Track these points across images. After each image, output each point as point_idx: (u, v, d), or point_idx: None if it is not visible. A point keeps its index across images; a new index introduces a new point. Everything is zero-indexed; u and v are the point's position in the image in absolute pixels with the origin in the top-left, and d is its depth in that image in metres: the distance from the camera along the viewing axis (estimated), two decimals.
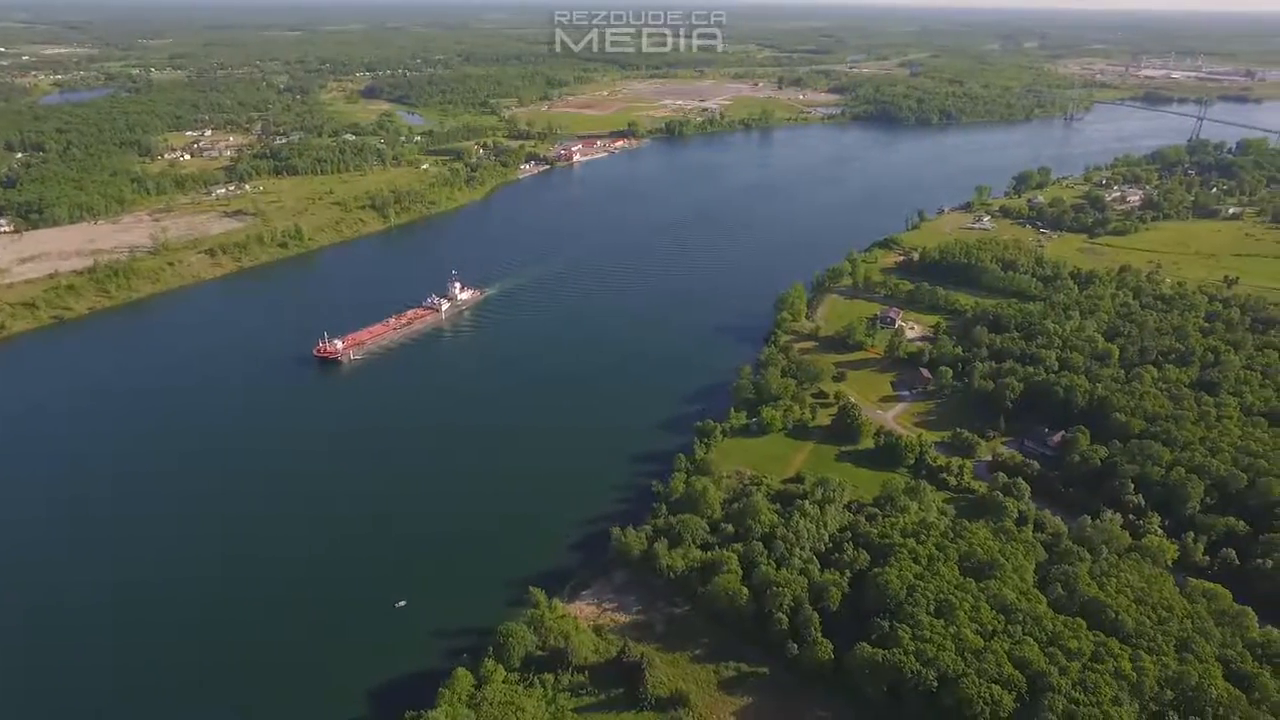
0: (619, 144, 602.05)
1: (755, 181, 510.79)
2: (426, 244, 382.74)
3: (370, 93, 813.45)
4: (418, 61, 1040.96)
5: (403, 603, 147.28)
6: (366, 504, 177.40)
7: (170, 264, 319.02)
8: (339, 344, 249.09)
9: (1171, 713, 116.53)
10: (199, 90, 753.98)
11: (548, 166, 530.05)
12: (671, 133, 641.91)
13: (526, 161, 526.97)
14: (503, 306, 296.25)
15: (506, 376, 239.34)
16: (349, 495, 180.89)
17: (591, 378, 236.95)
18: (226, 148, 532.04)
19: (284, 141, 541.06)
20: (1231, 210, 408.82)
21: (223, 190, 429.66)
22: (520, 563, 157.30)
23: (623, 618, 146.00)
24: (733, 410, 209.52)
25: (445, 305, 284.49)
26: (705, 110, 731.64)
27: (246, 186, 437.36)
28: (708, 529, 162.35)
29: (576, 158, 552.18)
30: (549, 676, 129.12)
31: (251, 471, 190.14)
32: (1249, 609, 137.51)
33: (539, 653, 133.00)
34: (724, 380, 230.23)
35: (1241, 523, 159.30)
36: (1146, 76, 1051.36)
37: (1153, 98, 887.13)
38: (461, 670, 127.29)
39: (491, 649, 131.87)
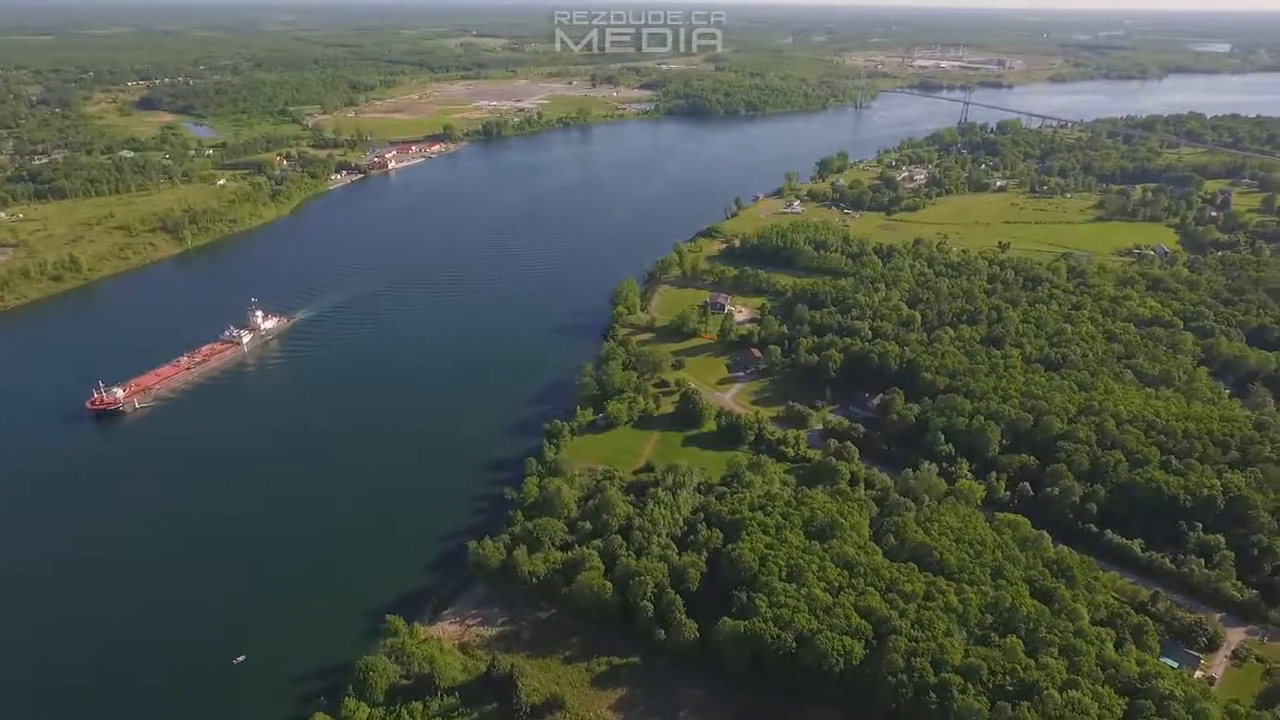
0: (436, 148, 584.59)
1: (578, 179, 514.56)
2: (229, 267, 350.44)
3: (148, 104, 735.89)
4: (201, 68, 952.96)
5: (241, 658, 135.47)
6: (179, 565, 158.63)
7: None
8: (119, 392, 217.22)
9: (993, 634, 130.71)
10: None
11: (361, 175, 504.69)
12: (490, 134, 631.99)
13: (338, 171, 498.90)
14: (319, 330, 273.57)
15: (330, 405, 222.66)
16: (157, 560, 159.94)
17: (428, 393, 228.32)
18: None
19: (44, 161, 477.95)
20: (999, 184, 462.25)
21: None
22: (374, 592, 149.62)
23: (488, 631, 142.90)
24: (578, 408, 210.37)
25: (247, 337, 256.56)
26: (522, 110, 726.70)
27: (2, 214, 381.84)
28: (566, 529, 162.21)
29: (392, 164, 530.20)
30: (417, 705, 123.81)
31: (27, 549, 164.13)
32: (1044, 532, 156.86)
33: (404, 682, 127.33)
34: (567, 379, 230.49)
35: (1032, 458, 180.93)
36: (920, 66, 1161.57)
37: (926, 85, 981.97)
38: (320, 716, 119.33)
39: (351, 687, 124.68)
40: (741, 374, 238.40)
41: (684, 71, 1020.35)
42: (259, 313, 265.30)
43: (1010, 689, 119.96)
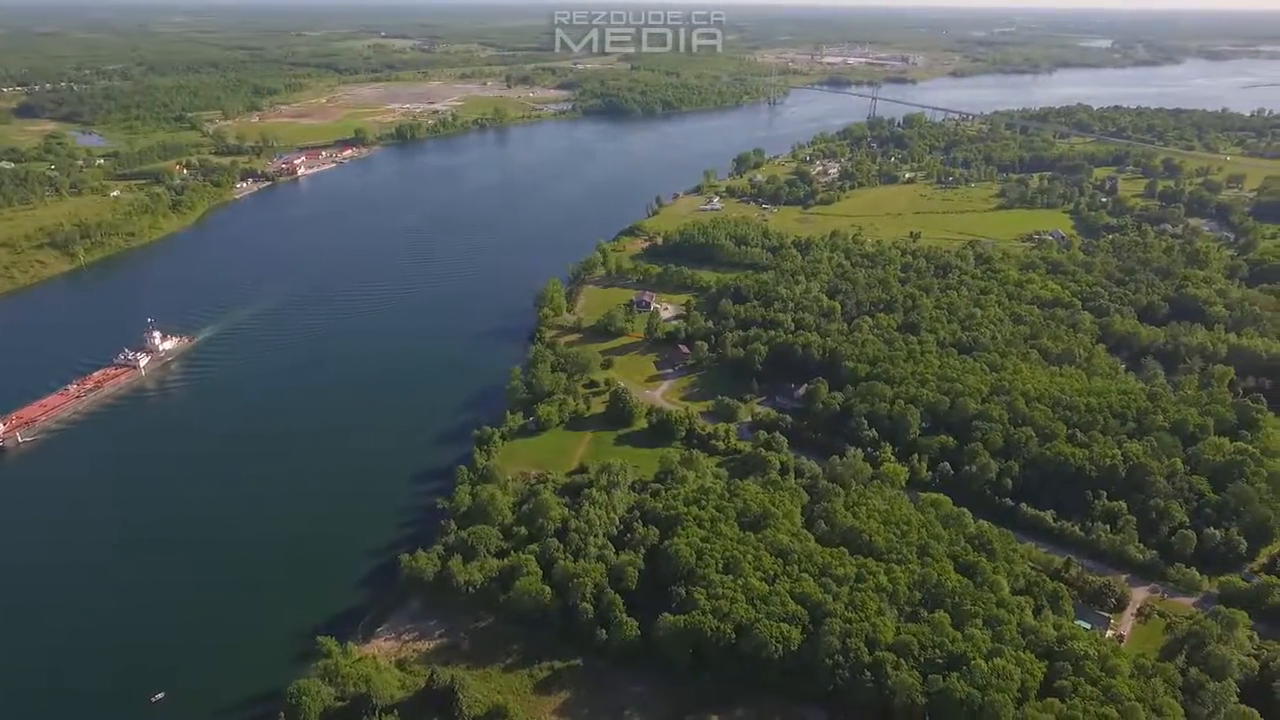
0: (347, 153, 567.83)
1: (498, 181, 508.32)
2: (127, 285, 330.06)
3: (28, 111, 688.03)
4: (86, 73, 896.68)
5: (160, 695, 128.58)
6: (83, 605, 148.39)
7: None
8: None
9: (922, 610, 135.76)
10: None
11: (269, 183, 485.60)
12: (403, 137, 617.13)
13: (243, 179, 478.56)
14: (227, 348, 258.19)
15: (242, 426, 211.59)
16: (56, 603, 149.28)
17: (350, 407, 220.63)
18: None
19: None
20: (908, 176, 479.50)
21: None
22: (303, 614, 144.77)
23: (426, 645, 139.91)
24: (508, 412, 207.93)
25: (144, 360, 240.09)
26: (436, 112, 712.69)
27: None
28: (501, 536, 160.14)
29: (301, 171, 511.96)
30: None
31: None
32: (965, 510, 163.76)
33: (339, 704, 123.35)
34: (495, 384, 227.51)
35: (950, 439, 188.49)
36: (829, 63, 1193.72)
37: (836, 82, 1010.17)
38: None
39: (283, 714, 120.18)
40: (670, 371, 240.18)
41: (600, 71, 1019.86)
42: (157, 333, 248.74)
43: (940, 661, 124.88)
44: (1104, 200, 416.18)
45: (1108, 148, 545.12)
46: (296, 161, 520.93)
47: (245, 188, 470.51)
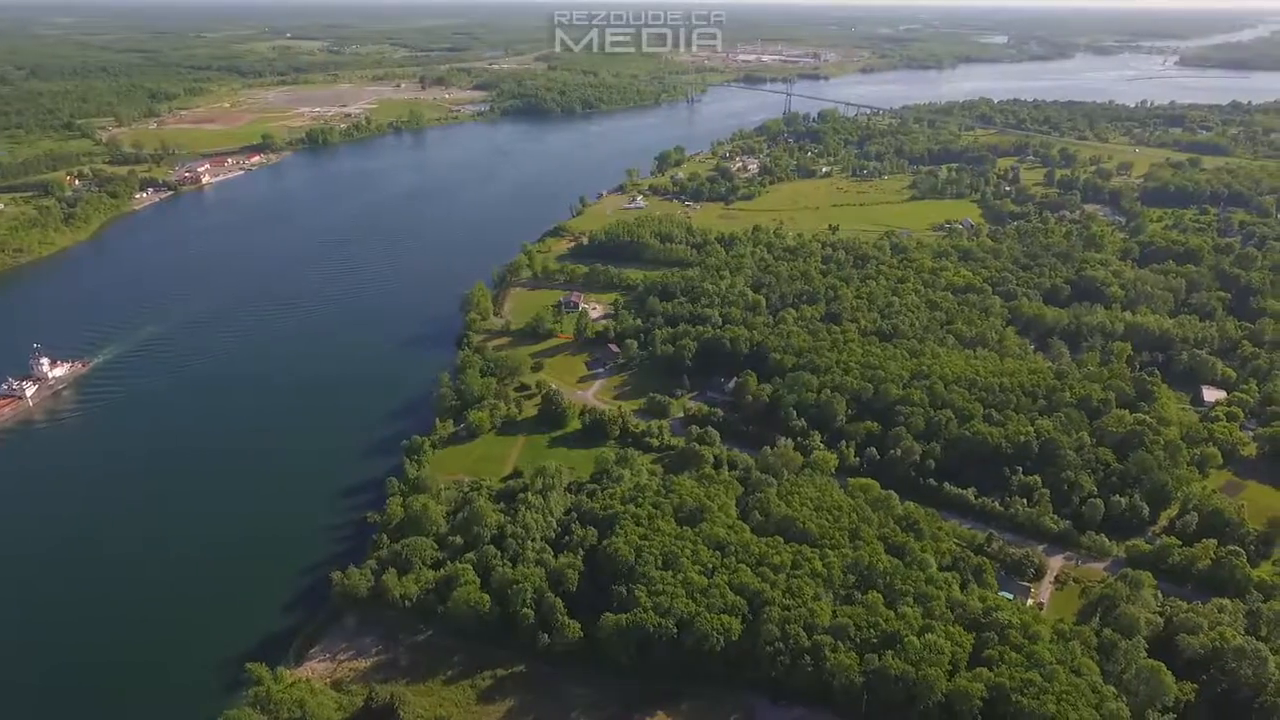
0: (255, 159, 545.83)
1: (416, 185, 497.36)
2: (13, 306, 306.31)
3: None
4: None
5: None
6: None
7: None
8: None
9: (855, 592, 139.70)
10: None
11: (172, 192, 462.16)
12: (315, 142, 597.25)
13: (143, 189, 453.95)
14: (128, 371, 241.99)
15: (151, 451, 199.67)
16: None
17: (271, 424, 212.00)
18: None
19: None
20: (824, 170, 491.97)
21: None
22: (230, 641, 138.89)
23: (363, 663, 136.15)
24: (438, 420, 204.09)
25: (31, 389, 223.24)
26: (349, 116, 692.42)
27: None
28: (436, 546, 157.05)
29: (206, 179, 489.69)
30: None
31: None
32: (892, 492, 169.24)
33: None
34: (424, 392, 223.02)
35: (875, 424, 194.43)
36: (744, 61, 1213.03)
37: (751, 79, 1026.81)
38: None
39: None
40: (601, 370, 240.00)
41: (516, 71, 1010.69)
42: (45, 359, 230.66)
43: (875, 641, 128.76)
44: (1008, 189, 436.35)
45: (1009, 139, 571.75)
46: (201, 169, 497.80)
47: (146, 198, 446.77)
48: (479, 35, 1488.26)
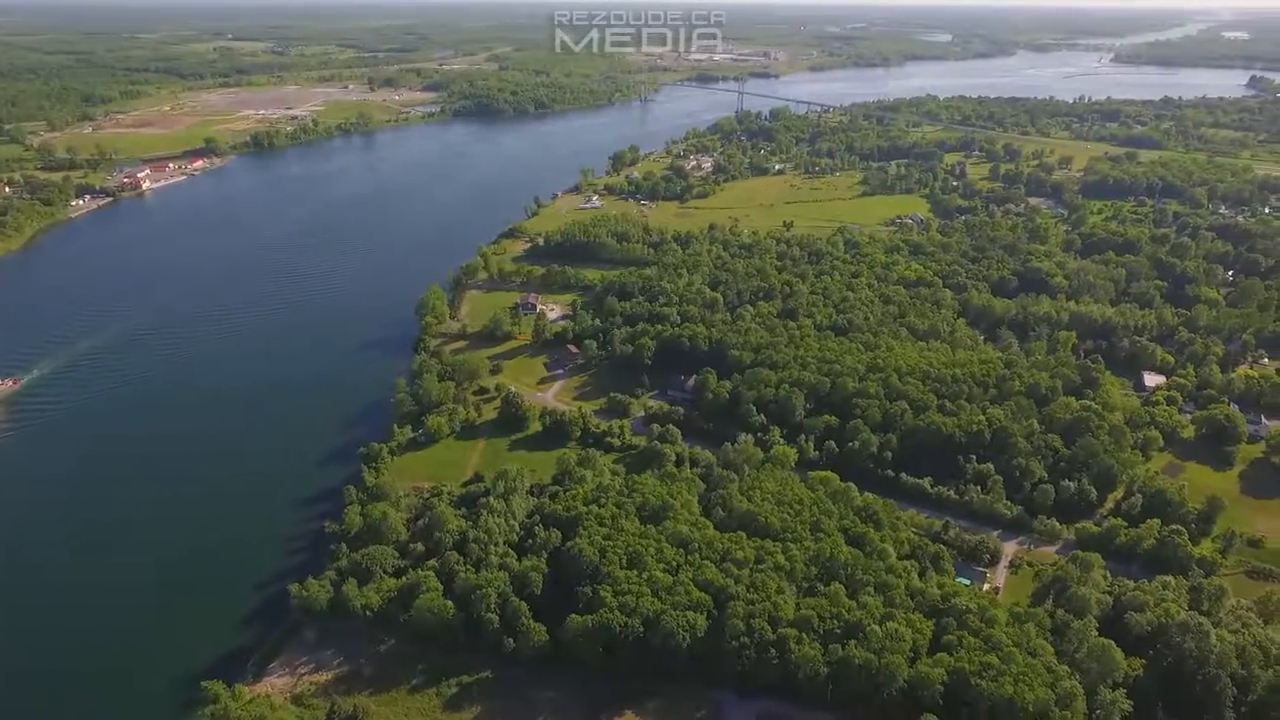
0: (198, 164, 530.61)
1: (368, 188, 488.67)
2: None
3: None
4: None
5: None
6: None
7: None
8: None
9: (818, 584, 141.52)
10: None
11: (110, 199, 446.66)
12: (261, 146, 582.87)
13: (79, 196, 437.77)
14: (66, 387, 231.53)
15: (92, 469, 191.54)
16: None
17: (223, 437, 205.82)
18: None
19: None
20: (777, 167, 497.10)
21: None
22: (185, 658, 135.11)
23: (324, 676, 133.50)
24: (395, 426, 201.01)
25: None
26: (295, 118, 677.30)
27: None
28: (396, 554, 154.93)
29: (146, 185, 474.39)
30: None
31: None
32: (851, 484, 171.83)
33: None
34: (380, 398, 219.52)
35: (833, 418, 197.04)
36: (696, 60, 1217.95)
37: (704, 78, 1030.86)
38: None
39: None
40: (560, 371, 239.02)
41: (467, 71, 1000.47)
42: None
43: (838, 631, 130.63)
44: (955, 184, 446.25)
45: (955, 134, 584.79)
46: (140, 175, 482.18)
47: (82, 205, 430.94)
48: (429, 35, 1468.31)
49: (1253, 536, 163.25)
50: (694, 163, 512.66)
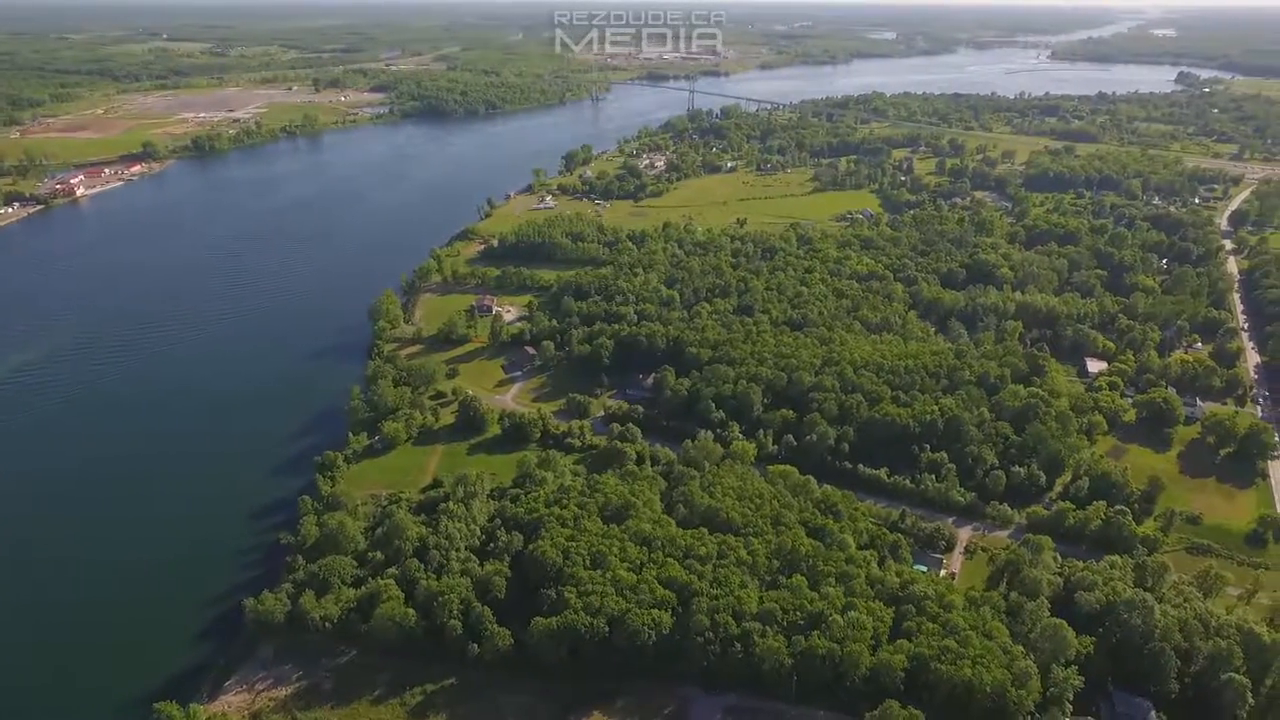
0: (136, 169, 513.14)
1: (316, 191, 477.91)
2: None
3: None
4: None
5: None
6: None
7: None
8: None
9: (780, 577, 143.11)
10: None
11: (42, 206, 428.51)
12: (202, 149, 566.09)
13: (8, 204, 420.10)
14: None
15: (29, 487, 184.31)
16: None
17: (171, 450, 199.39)
18: None
19: None
20: (730, 165, 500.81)
21: None
22: (136, 680, 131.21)
23: (283, 691, 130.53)
24: (351, 434, 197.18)
25: None
26: (237, 121, 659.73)
27: None
28: (355, 564, 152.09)
29: (81, 191, 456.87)
30: None
31: None
32: (810, 477, 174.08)
33: None
34: (335, 405, 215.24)
35: (791, 412, 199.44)
36: (646, 59, 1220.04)
37: (655, 76, 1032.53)
38: None
39: None
40: (518, 373, 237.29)
41: (415, 72, 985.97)
42: None
43: (801, 622, 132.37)
44: (903, 179, 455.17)
45: (902, 131, 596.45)
46: (74, 180, 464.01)
47: (11, 213, 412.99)
48: (374, 35, 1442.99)
49: (1191, 514, 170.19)
50: (647, 161, 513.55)
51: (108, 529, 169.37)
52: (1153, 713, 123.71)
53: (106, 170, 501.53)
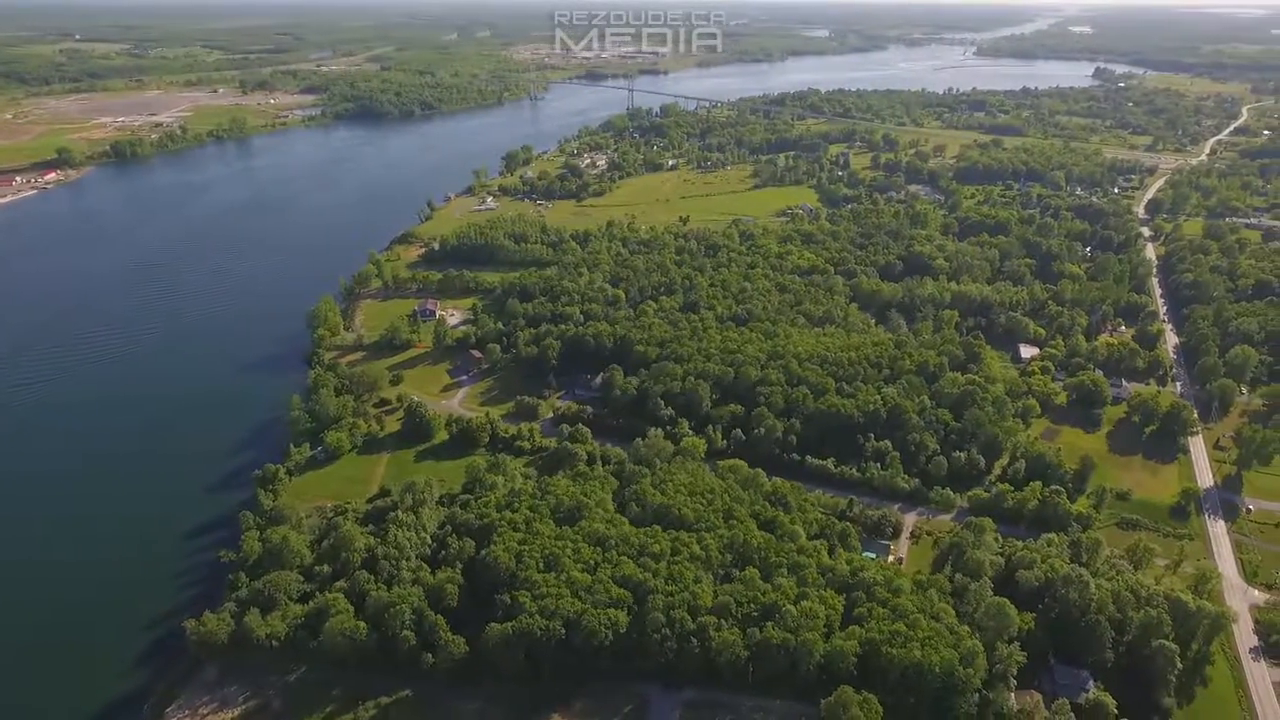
0: (49, 177, 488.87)
1: (247, 197, 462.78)
2: None
3: None
4: None
5: None
6: None
7: None
8: None
9: (734, 570, 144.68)
10: None
11: None
12: (123, 155, 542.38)
13: None
14: None
15: None
16: None
17: (103, 471, 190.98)
18: None
19: None
20: (671, 163, 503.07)
21: None
22: (73, 710, 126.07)
23: (229, 713, 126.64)
24: (292, 446, 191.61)
25: None
26: (160, 125, 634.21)
27: None
28: (301, 579, 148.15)
29: None
30: None
31: None
32: (759, 470, 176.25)
33: None
34: (274, 416, 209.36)
35: (739, 406, 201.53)
36: (584, 58, 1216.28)
37: (593, 75, 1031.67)
38: None
39: None
40: (465, 377, 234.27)
41: (347, 73, 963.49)
42: None
43: (756, 614, 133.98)
44: (840, 174, 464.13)
45: (838, 126, 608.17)
46: None
47: None
48: (303, 36, 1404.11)
49: (1121, 491, 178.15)
50: (588, 160, 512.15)
51: (34, 556, 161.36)
52: (1091, 682, 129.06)
53: (18, 178, 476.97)
